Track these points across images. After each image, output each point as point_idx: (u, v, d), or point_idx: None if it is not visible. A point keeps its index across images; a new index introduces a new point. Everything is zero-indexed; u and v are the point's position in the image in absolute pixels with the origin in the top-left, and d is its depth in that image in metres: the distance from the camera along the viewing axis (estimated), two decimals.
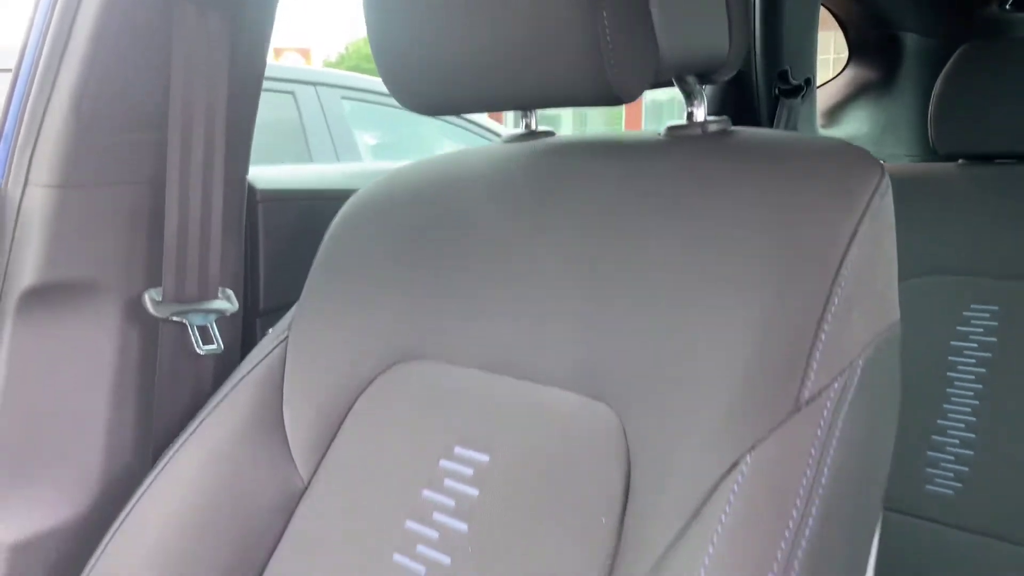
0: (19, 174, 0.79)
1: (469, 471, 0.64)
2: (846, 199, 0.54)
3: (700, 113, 0.67)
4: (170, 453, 0.77)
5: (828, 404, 0.49)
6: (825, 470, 0.48)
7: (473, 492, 0.63)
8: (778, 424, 0.49)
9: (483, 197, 0.72)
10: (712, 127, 0.66)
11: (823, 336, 0.50)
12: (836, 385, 0.50)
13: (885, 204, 0.56)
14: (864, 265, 0.53)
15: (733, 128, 0.67)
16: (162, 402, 0.83)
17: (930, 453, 1.24)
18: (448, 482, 0.65)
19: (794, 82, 1.44)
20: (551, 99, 0.61)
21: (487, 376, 0.67)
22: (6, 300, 0.78)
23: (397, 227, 0.77)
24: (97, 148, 0.79)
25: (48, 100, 0.78)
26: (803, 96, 1.46)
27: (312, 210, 0.91)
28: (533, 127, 0.80)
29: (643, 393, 0.56)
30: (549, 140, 0.76)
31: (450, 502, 0.64)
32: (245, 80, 0.88)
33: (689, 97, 0.68)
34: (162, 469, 0.76)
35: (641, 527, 0.53)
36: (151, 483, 0.76)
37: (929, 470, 1.24)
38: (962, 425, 1.23)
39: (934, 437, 1.24)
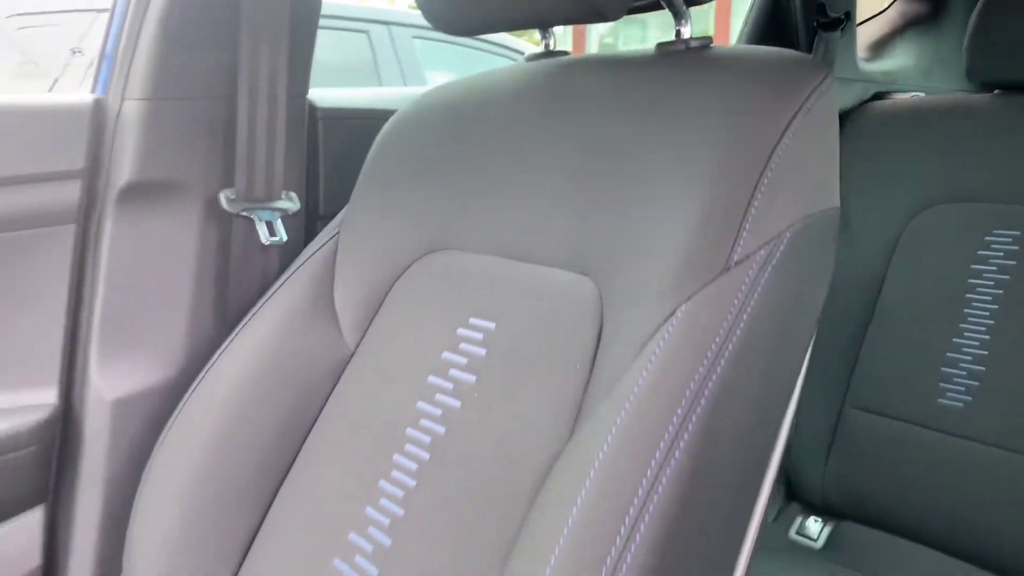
0: (117, 89, 0.94)
1: (479, 336, 0.77)
2: (785, 96, 0.64)
3: (686, 32, 0.77)
4: (240, 327, 0.92)
5: (753, 267, 0.60)
6: (741, 323, 0.59)
7: (481, 352, 0.76)
8: (710, 281, 0.60)
9: (503, 108, 0.84)
10: (694, 43, 0.76)
11: (753, 210, 0.61)
12: (762, 252, 0.61)
13: (824, 104, 0.65)
14: (796, 154, 0.63)
15: (713, 46, 0.77)
16: (235, 284, 0.99)
17: (943, 369, 1.31)
18: (463, 345, 0.78)
19: (832, 15, 1.48)
20: (545, 19, 0.72)
21: (499, 260, 0.79)
22: (108, 196, 0.94)
23: (431, 137, 0.89)
24: (180, 66, 0.93)
25: (141, 23, 0.92)
26: (842, 29, 1.50)
27: (367, 127, 1.04)
28: (552, 47, 0.91)
29: (616, 264, 0.67)
30: (562, 59, 0.87)
31: (463, 360, 0.77)
32: (306, 7, 1.01)
33: (677, 17, 0.77)
34: (233, 339, 0.91)
35: (603, 368, 0.65)
36: (224, 350, 0.91)
37: (942, 384, 1.31)
38: (976, 343, 1.30)
39: (948, 354, 1.31)
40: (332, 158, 1.10)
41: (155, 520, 0.86)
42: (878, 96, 1.60)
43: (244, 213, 0.97)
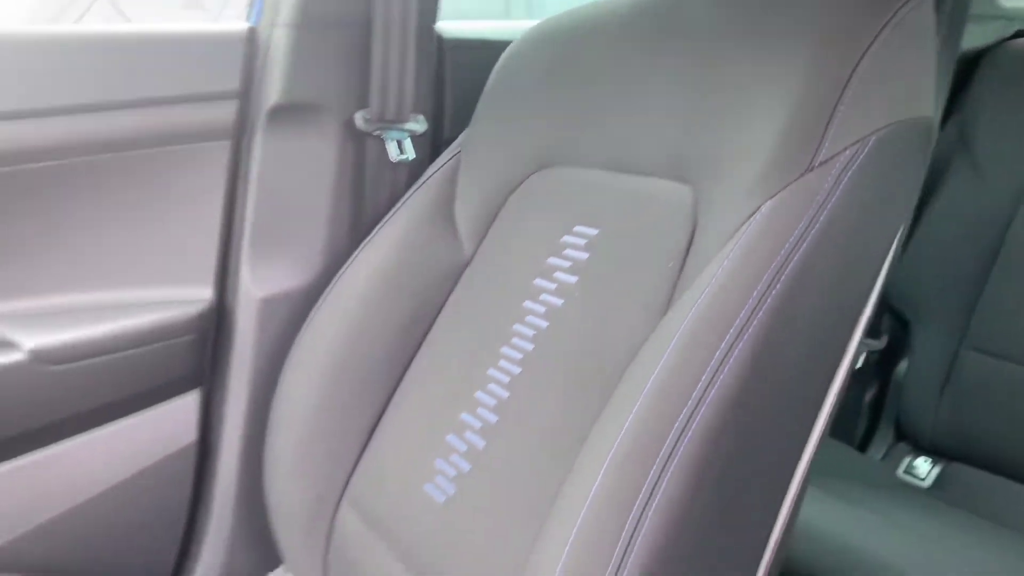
0: (268, 18, 1.04)
1: (583, 242, 0.83)
2: (876, 7, 0.66)
3: None
4: (372, 235, 1.01)
5: (836, 167, 0.63)
6: (819, 221, 0.63)
7: (583, 256, 0.82)
8: (793, 180, 0.64)
9: (610, 33, 0.89)
10: None
11: (839, 112, 0.64)
12: (846, 153, 0.64)
13: (917, 16, 0.67)
14: (885, 62, 0.65)
15: None
16: (367, 198, 1.08)
17: None
18: (567, 251, 0.84)
19: None
20: None
21: (605, 174, 0.85)
22: (258, 116, 1.04)
23: (544, 64, 0.95)
24: None
25: None
26: None
27: (489, 56, 1.10)
28: None
29: (712, 169, 0.72)
30: None
31: (567, 264, 0.84)
32: None
33: None
34: (365, 247, 1.01)
35: (691, 265, 0.70)
36: (356, 257, 1.00)
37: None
38: None
39: None
40: (457, 84, 1.17)
41: (294, 404, 0.97)
42: (1020, 34, 1.54)
43: (376, 133, 1.06)
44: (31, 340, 0.92)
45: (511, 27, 1.28)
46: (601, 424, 0.63)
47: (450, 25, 1.18)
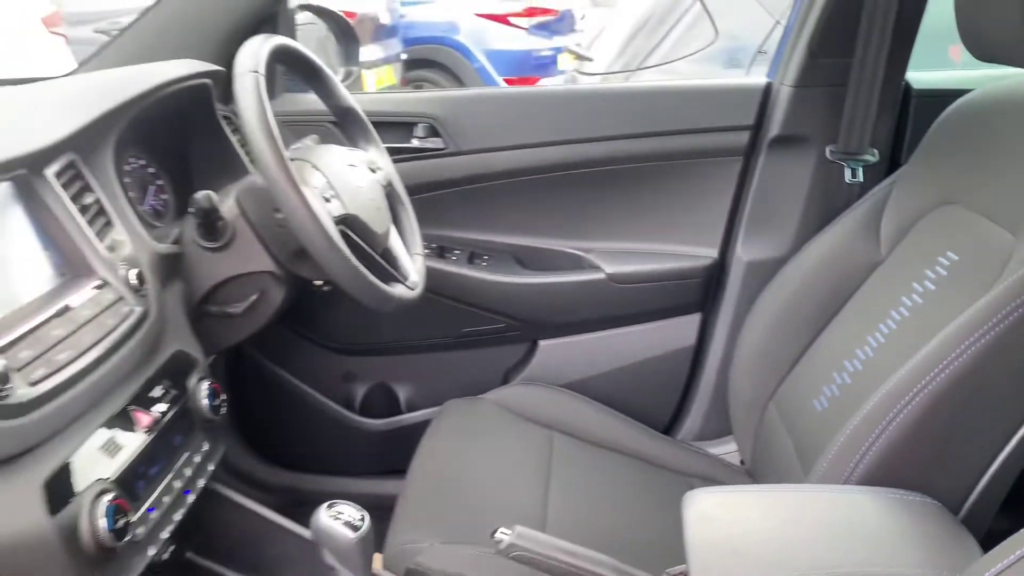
0: (779, 77, 1.56)
1: (947, 263, 1.22)
2: None
3: None
4: (821, 233, 1.48)
5: None
6: None
7: (944, 273, 1.21)
8: None
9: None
10: None
11: None
12: None
13: None
14: None
15: None
16: (823, 205, 1.55)
17: None
18: (936, 267, 1.23)
19: None
20: None
21: (980, 218, 1.20)
22: (762, 143, 1.57)
23: (971, 125, 1.28)
24: (819, 63, 1.50)
25: (798, 35, 1.51)
26: None
27: (948, 104, 1.45)
28: None
29: None
30: None
31: (933, 275, 1.23)
32: (912, 9, 1.46)
33: None
34: (813, 239, 1.48)
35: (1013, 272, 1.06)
36: (807, 246, 1.49)
37: None
38: None
39: None
40: (920, 123, 1.55)
41: (752, 333, 1.51)
42: None
43: (839, 160, 1.52)
44: (609, 268, 1.62)
45: (973, 77, 1.58)
46: (899, 369, 1.06)
47: (922, 76, 1.56)
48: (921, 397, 1.00)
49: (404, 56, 5.50)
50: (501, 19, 6.15)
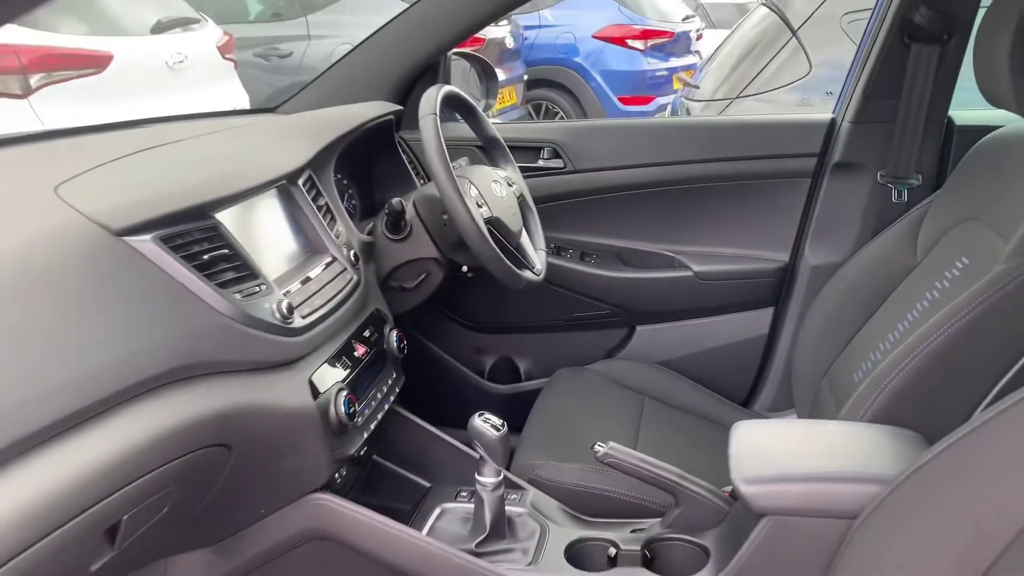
0: (840, 113, 1.89)
1: (961, 266, 1.54)
2: None
3: None
4: (869, 243, 1.80)
5: None
6: None
7: (957, 274, 1.53)
8: None
9: None
10: None
11: None
12: None
13: None
14: None
15: None
16: (873, 220, 1.88)
17: None
18: (953, 269, 1.56)
19: None
20: None
21: (991, 234, 1.52)
22: (827, 168, 1.91)
23: (995, 159, 1.60)
24: (877, 104, 1.83)
25: (861, 70, 1.85)
26: None
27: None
28: None
29: None
30: None
31: (948, 275, 1.55)
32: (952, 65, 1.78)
33: None
34: (863, 248, 1.81)
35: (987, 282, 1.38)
36: (858, 253, 1.81)
37: None
38: None
39: None
40: (960, 155, 1.85)
41: (813, 323, 1.84)
42: None
43: (888, 183, 1.84)
44: (696, 267, 2.00)
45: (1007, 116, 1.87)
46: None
47: (965, 114, 1.87)
48: (919, 358, 1.33)
49: (526, 77, 5.95)
50: (618, 41, 6.55)
